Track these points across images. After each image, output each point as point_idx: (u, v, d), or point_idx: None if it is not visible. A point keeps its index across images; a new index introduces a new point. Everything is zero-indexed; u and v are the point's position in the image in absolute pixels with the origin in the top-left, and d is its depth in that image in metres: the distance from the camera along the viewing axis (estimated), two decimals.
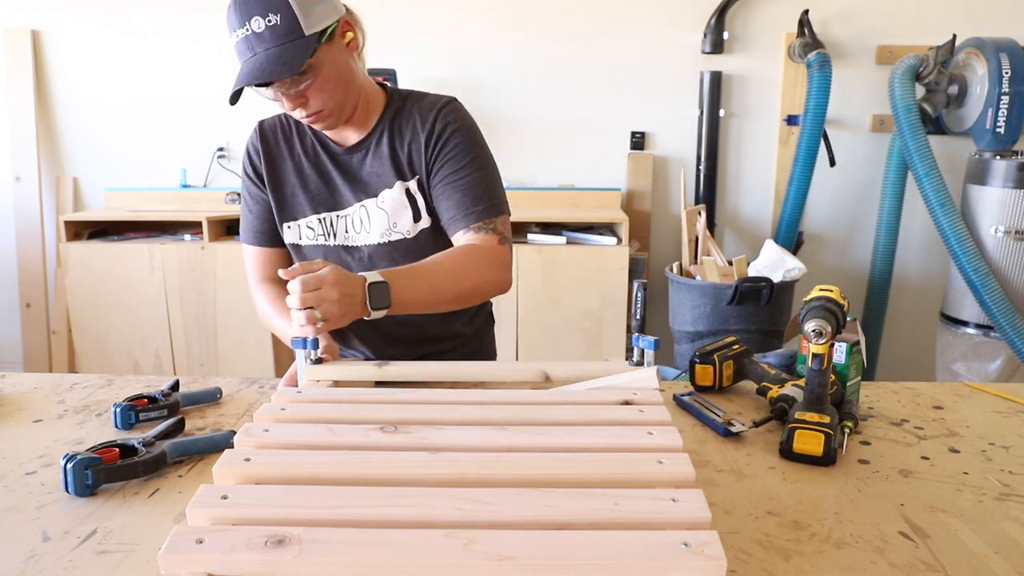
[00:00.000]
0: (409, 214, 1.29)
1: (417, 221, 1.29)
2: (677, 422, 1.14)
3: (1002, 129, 2.69)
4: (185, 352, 2.97)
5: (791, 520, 0.85)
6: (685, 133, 3.18)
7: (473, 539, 0.60)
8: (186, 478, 0.95)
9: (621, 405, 0.91)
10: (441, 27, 3.13)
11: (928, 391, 1.28)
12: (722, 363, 1.25)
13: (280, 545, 0.60)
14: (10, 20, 3.22)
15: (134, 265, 2.91)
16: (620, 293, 2.84)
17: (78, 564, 0.76)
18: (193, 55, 3.20)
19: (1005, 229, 2.67)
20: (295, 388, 0.97)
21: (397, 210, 1.28)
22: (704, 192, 3.18)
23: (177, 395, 1.18)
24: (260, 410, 0.88)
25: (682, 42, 3.10)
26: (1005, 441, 1.07)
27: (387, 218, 1.28)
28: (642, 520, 0.64)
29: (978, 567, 0.75)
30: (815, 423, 0.99)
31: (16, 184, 3.28)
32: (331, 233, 1.32)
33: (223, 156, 3.27)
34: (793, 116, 3.10)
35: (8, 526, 0.84)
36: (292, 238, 1.35)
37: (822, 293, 1.03)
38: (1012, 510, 0.87)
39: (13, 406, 1.21)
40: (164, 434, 1.03)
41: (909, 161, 2.79)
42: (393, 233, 1.29)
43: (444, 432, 0.81)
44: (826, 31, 3.04)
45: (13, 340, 3.42)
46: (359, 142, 1.29)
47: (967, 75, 2.82)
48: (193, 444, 1.00)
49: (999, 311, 2.64)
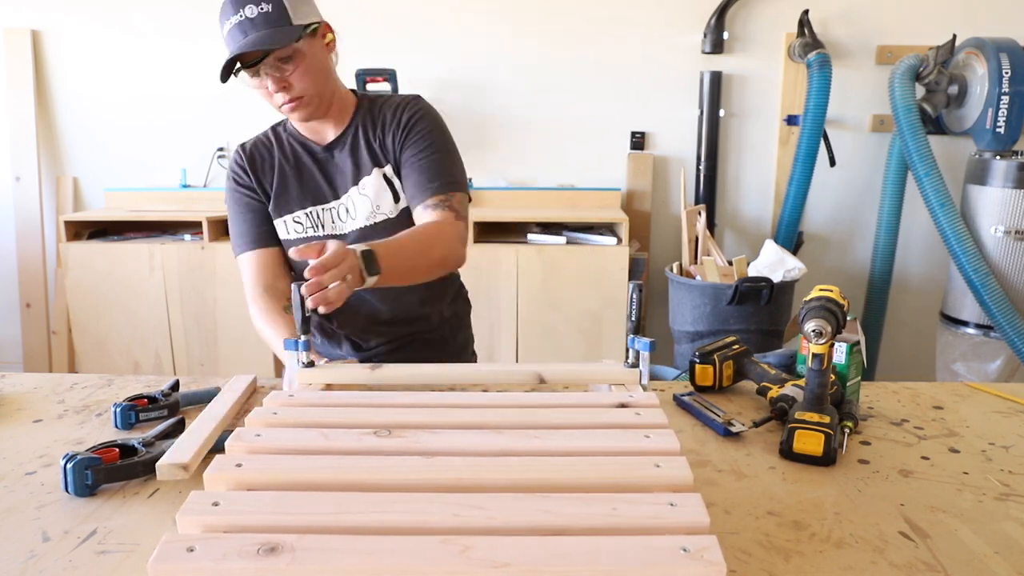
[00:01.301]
0: (389, 196, 1.38)
1: (397, 202, 1.38)
2: (677, 422, 1.14)
3: (1002, 129, 2.69)
4: (185, 352, 2.97)
5: (791, 520, 0.85)
6: (685, 133, 3.18)
7: (469, 546, 0.60)
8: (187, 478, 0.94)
9: (617, 408, 0.91)
10: (441, 27, 3.13)
11: (928, 391, 1.28)
12: (722, 363, 1.25)
13: (273, 553, 0.58)
14: (10, 20, 3.21)
15: (134, 265, 2.91)
16: (620, 293, 2.84)
17: (78, 564, 0.76)
18: (193, 55, 3.20)
19: (1005, 229, 2.67)
20: (287, 392, 0.97)
21: (378, 194, 1.38)
22: (704, 192, 3.18)
23: (177, 395, 1.19)
24: (251, 414, 0.87)
25: (682, 42, 3.10)
26: (1005, 441, 1.07)
27: (370, 202, 1.38)
28: (640, 525, 0.64)
29: (978, 567, 0.75)
30: (815, 423, 0.99)
31: (16, 184, 3.28)
32: (319, 225, 1.40)
33: (223, 156, 3.26)
34: (793, 116, 3.10)
35: (8, 526, 0.84)
36: (282, 234, 1.42)
37: (822, 293, 1.03)
38: (1012, 510, 0.87)
39: (13, 406, 1.21)
40: (164, 434, 1.03)
41: (909, 161, 2.79)
42: (378, 215, 1.38)
43: (439, 436, 0.81)
44: (826, 31, 3.04)
45: (13, 340, 3.42)
46: (337, 138, 1.39)
47: (967, 75, 2.82)
48: None
49: (999, 311, 2.64)
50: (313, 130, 1.40)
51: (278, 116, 1.40)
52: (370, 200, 1.37)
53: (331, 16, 1.36)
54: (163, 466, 0.89)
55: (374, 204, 1.37)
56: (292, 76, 1.26)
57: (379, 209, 1.38)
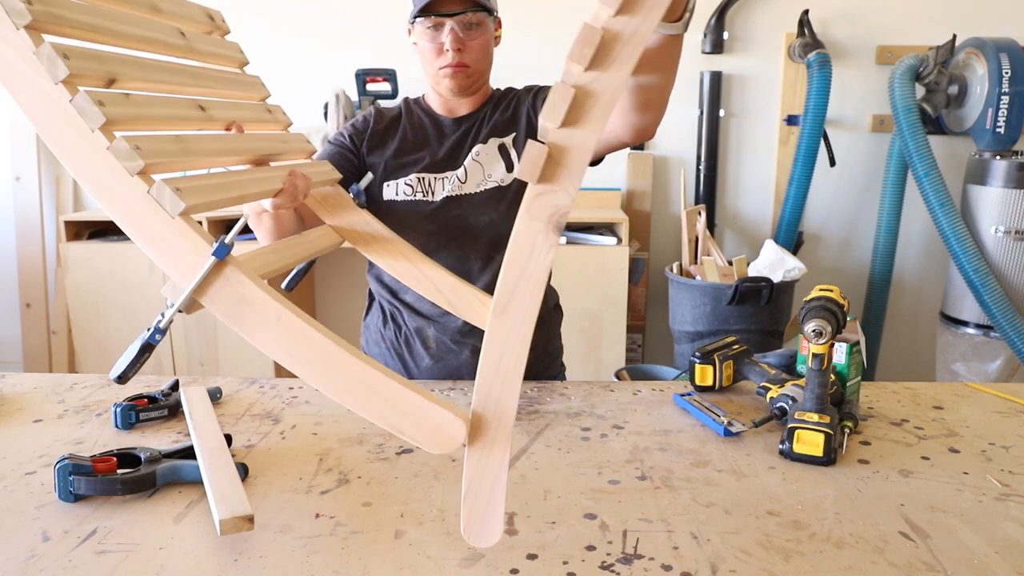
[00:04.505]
0: (502, 165, 1.39)
1: (510, 171, 1.39)
2: (677, 422, 1.14)
3: (1002, 129, 2.69)
4: (185, 352, 2.97)
5: (791, 520, 0.85)
6: (685, 133, 3.18)
7: None
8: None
9: None
10: None
11: (928, 391, 1.28)
12: (722, 363, 1.25)
13: None
14: None
15: (134, 265, 2.91)
16: (620, 293, 2.83)
17: (78, 564, 0.76)
18: None
19: (1005, 229, 2.67)
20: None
21: (490, 162, 1.39)
22: (704, 192, 3.18)
23: (177, 395, 1.19)
24: None
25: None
26: (1005, 441, 1.07)
27: (481, 169, 1.39)
28: None
29: (978, 567, 0.76)
30: (815, 423, 0.99)
31: (16, 184, 3.28)
32: (429, 191, 1.39)
33: None
34: (793, 116, 3.10)
35: (8, 526, 0.84)
36: (389, 195, 1.40)
37: (822, 293, 1.03)
38: (1012, 510, 0.87)
39: (13, 406, 1.21)
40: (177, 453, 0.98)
41: (909, 161, 2.79)
42: (488, 182, 1.39)
43: None
44: (826, 31, 3.04)
45: (13, 340, 3.42)
46: (468, 114, 1.42)
47: (967, 75, 2.82)
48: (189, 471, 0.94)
49: (999, 311, 2.64)
50: (447, 106, 1.42)
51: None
52: (481, 167, 1.39)
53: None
54: (226, 521, 0.80)
55: (485, 172, 1.39)
56: (472, 42, 1.31)
57: (490, 177, 1.39)
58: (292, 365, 0.76)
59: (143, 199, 0.73)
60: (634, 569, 0.76)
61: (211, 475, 0.90)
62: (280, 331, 0.75)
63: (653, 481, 0.95)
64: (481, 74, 1.38)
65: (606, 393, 1.27)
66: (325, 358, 0.74)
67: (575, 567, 0.77)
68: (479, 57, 1.33)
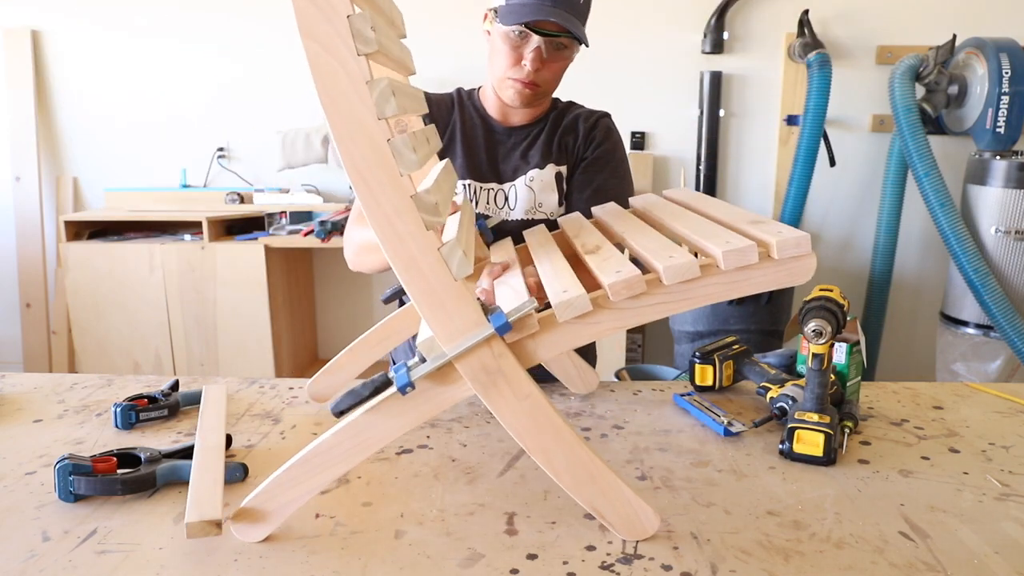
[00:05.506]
0: (555, 197, 1.36)
1: (561, 205, 1.37)
2: (677, 422, 1.14)
3: (1002, 129, 2.69)
4: (185, 352, 2.97)
5: (791, 520, 0.85)
6: (685, 133, 3.18)
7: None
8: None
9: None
10: (441, 26, 3.13)
11: (928, 391, 1.28)
12: (722, 363, 1.25)
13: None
14: (10, 20, 3.21)
15: (134, 265, 2.91)
16: None
17: (78, 564, 0.76)
18: (193, 55, 3.20)
19: (1005, 229, 2.67)
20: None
21: (544, 190, 1.36)
22: (704, 192, 3.18)
23: (177, 395, 1.18)
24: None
25: (682, 42, 3.10)
26: (1005, 441, 1.07)
27: (534, 197, 1.36)
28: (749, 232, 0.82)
29: (978, 567, 0.76)
30: (815, 423, 0.99)
31: (16, 184, 3.28)
32: (474, 200, 1.37)
33: (223, 156, 3.26)
34: (793, 116, 3.10)
35: (8, 526, 0.84)
36: None
37: (822, 293, 1.03)
38: (1012, 510, 0.87)
39: (13, 406, 1.21)
40: (177, 453, 0.98)
41: (909, 161, 2.79)
42: (538, 212, 1.36)
43: None
44: (826, 31, 3.04)
45: (13, 340, 3.42)
46: (522, 126, 1.38)
47: (967, 75, 2.82)
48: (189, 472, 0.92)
49: (999, 311, 2.64)
50: (503, 111, 1.37)
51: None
52: (534, 195, 1.35)
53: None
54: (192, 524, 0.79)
55: (537, 200, 1.35)
56: (555, 63, 1.27)
57: (540, 207, 1.35)
58: (524, 439, 0.81)
59: (430, 253, 0.74)
60: (634, 569, 0.76)
61: (196, 475, 0.90)
62: (525, 408, 0.80)
63: (653, 481, 0.95)
64: (548, 95, 1.35)
65: (606, 393, 1.27)
66: (559, 441, 0.80)
67: (575, 567, 0.77)
68: (551, 79, 1.29)
